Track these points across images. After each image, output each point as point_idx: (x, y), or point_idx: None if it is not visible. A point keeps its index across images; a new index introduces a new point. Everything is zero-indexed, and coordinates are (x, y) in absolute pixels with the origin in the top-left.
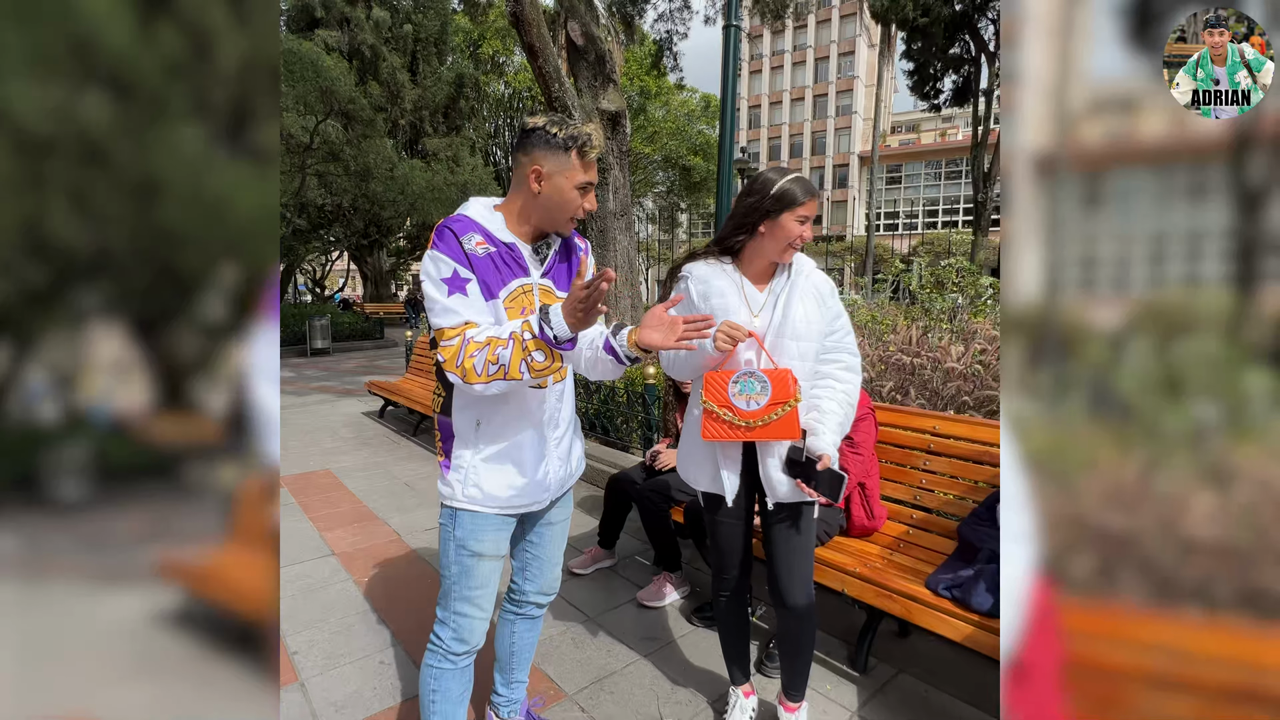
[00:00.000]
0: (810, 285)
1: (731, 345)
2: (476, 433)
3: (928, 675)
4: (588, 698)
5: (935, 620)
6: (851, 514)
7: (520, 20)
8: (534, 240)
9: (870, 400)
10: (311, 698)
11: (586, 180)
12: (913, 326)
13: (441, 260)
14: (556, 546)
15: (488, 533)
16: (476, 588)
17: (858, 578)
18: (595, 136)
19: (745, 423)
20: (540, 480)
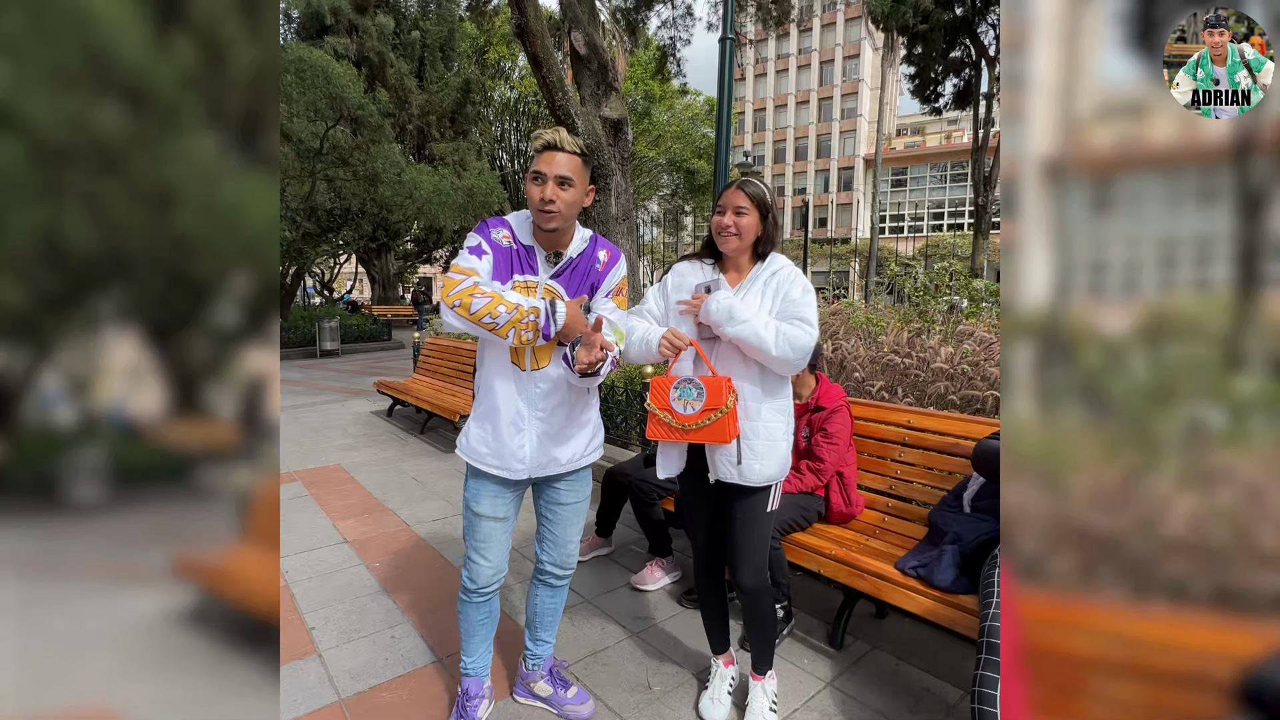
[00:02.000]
0: (773, 280)
1: (673, 353)
2: (479, 394)
3: (899, 651)
4: (583, 669)
5: (902, 596)
6: (830, 501)
7: (525, 32)
8: (550, 248)
9: (845, 394)
10: (329, 666)
11: (535, 170)
12: (905, 328)
13: (474, 237)
14: (569, 526)
15: (484, 495)
16: (480, 541)
17: (833, 560)
18: (545, 135)
19: (682, 425)
20: (514, 451)
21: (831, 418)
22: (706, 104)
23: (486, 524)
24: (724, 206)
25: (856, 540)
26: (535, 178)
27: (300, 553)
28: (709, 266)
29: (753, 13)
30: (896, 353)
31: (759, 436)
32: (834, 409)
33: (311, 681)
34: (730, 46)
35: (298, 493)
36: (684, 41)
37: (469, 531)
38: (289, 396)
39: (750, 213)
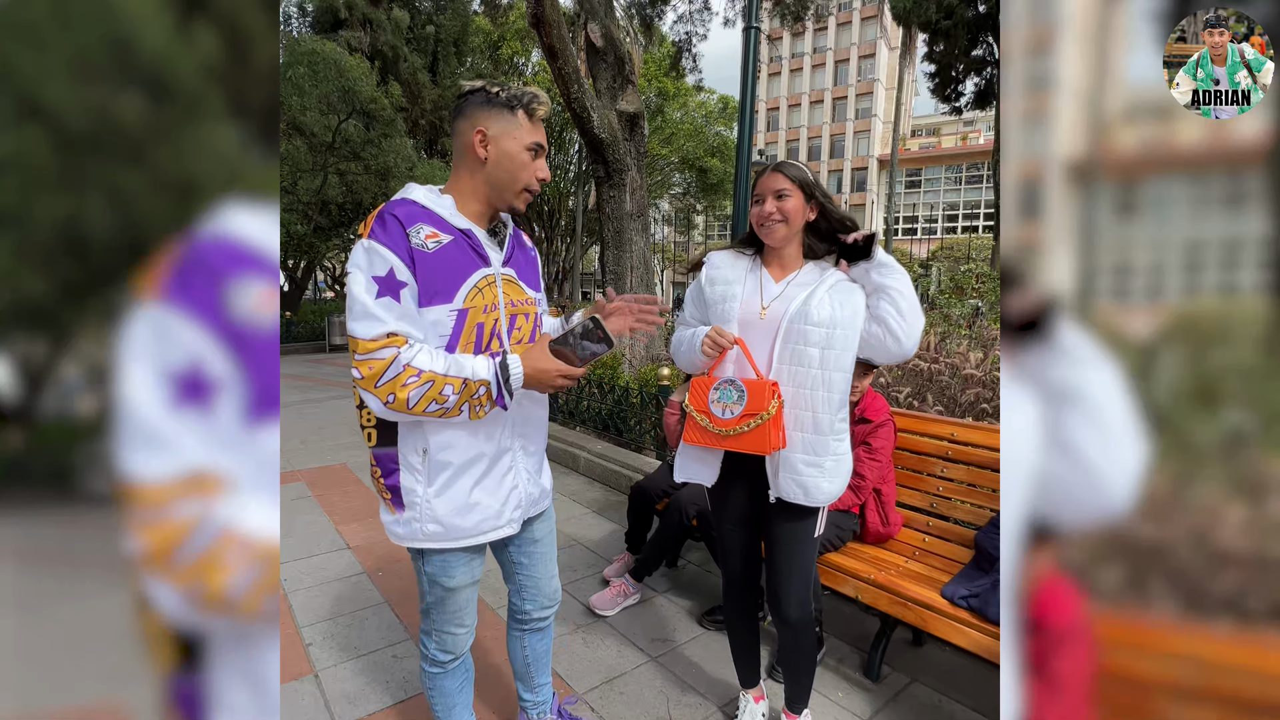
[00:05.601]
0: (841, 287)
1: (716, 352)
2: (425, 462)
3: (941, 684)
4: (598, 697)
5: (951, 630)
6: (866, 520)
7: (540, 21)
8: (488, 224)
9: (889, 406)
10: (325, 689)
11: (536, 141)
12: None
13: (378, 253)
14: (548, 561)
15: (458, 568)
16: (455, 611)
17: (872, 584)
18: (541, 96)
19: (720, 430)
20: (508, 501)
21: (876, 432)
22: (720, 102)
23: (463, 595)
24: (761, 194)
25: (895, 562)
26: (536, 150)
27: (300, 559)
28: (749, 257)
29: (769, 7)
30: (922, 358)
31: (829, 452)
32: (880, 423)
33: (306, 706)
34: (754, 36)
35: (300, 493)
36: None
37: (436, 608)
38: (296, 392)
39: (793, 194)
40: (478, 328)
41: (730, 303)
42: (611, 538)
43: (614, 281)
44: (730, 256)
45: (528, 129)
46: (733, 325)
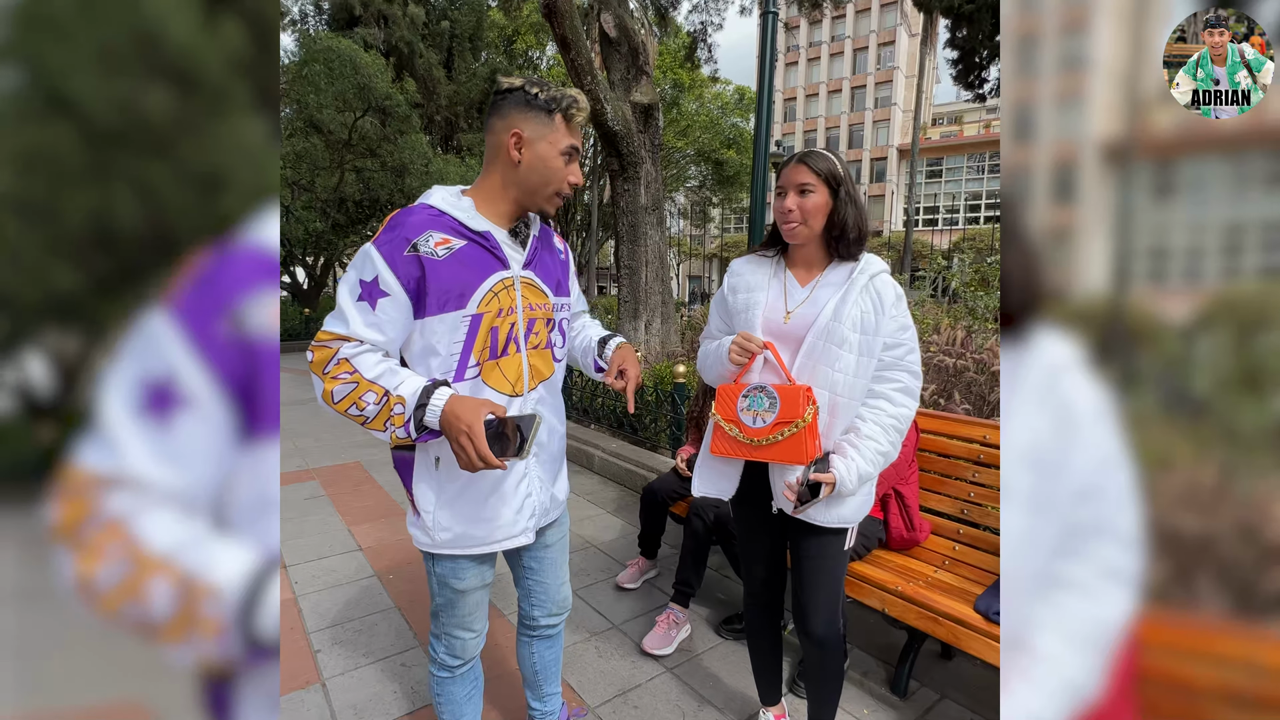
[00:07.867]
0: (871, 287)
1: (745, 358)
2: (436, 471)
3: (973, 701)
4: (611, 711)
5: (987, 648)
6: (890, 525)
7: (554, 12)
8: (509, 224)
9: None
10: (332, 699)
11: (572, 144)
12: (956, 327)
13: (371, 259)
14: (559, 568)
15: (469, 571)
16: (465, 614)
17: (900, 597)
18: (581, 100)
19: (750, 440)
20: (522, 510)
21: None
22: (737, 93)
23: (473, 597)
24: (784, 186)
25: (923, 572)
26: (571, 154)
27: (311, 561)
28: (771, 260)
29: None
30: (947, 353)
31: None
32: None
33: (312, 717)
34: (772, 21)
35: (314, 493)
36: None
37: (445, 610)
38: (312, 389)
39: (818, 190)
40: (492, 332)
41: (753, 310)
42: (626, 540)
43: (629, 276)
44: (752, 263)
45: (564, 132)
46: (757, 334)
